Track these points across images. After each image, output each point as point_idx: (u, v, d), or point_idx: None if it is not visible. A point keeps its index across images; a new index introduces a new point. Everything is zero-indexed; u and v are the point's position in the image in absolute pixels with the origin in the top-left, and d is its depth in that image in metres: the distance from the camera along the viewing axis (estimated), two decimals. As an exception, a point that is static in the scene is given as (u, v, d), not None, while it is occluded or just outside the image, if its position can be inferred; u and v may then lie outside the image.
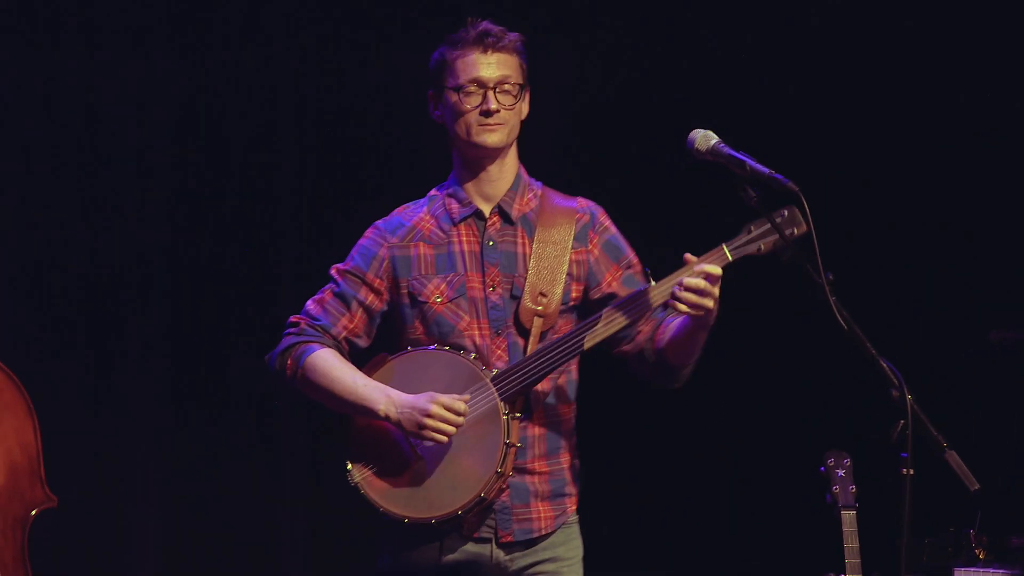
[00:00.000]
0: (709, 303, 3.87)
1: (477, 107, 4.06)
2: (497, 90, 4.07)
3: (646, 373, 4.12)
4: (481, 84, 4.07)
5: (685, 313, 3.89)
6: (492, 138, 4.08)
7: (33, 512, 4.37)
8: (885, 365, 3.64)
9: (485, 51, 4.07)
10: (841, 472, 4.27)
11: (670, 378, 4.10)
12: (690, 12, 6.25)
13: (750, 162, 3.79)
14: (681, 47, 6.25)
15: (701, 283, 3.86)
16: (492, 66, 4.07)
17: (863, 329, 3.71)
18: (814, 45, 6.21)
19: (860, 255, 6.03)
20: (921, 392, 3.65)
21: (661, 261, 4.04)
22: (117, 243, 5.94)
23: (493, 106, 4.06)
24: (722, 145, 3.85)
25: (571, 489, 4.15)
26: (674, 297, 3.87)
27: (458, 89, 4.07)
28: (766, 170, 3.76)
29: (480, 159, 4.12)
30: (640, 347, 4.10)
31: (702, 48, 6.26)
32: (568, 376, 4.14)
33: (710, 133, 3.87)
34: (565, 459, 4.14)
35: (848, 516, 4.24)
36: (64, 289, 5.91)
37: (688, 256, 3.92)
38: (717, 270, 3.88)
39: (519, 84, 4.10)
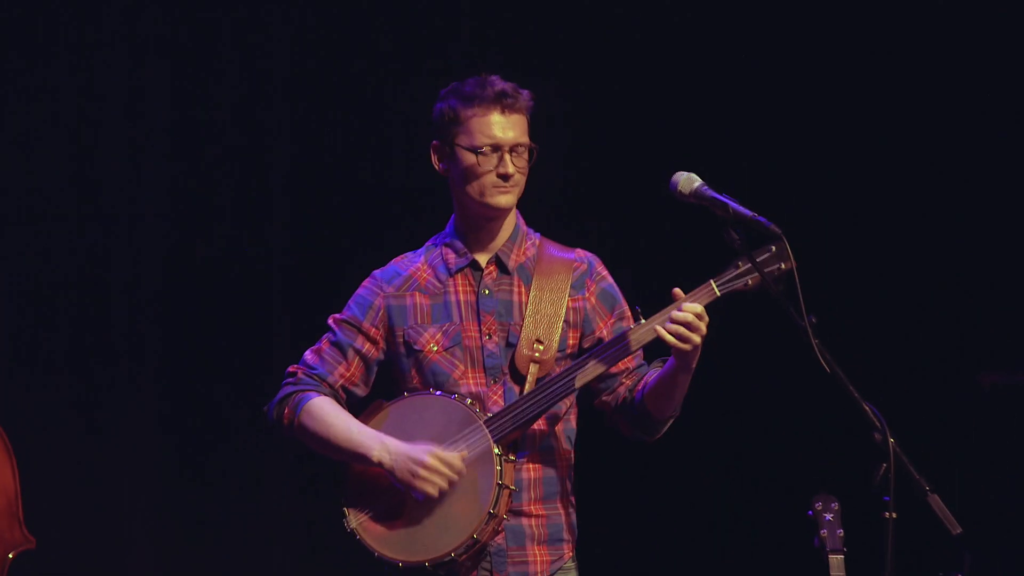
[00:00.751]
0: (696, 338, 3.88)
1: (493, 169, 4.06)
2: (513, 153, 4.07)
3: (624, 426, 4.14)
4: (498, 146, 4.06)
5: (673, 344, 3.89)
6: (505, 200, 4.09)
7: (11, 554, 4.35)
8: (868, 408, 3.64)
9: (503, 112, 4.06)
10: (829, 516, 4.24)
11: (648, 429, 4.11)
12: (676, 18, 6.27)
13: (733, 204, 3.80)
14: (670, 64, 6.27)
15: (688, 316, 3.87)
16: (510, 128, 4.06)
17: (852, 369, 3.70)
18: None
19: (847, 292, 6.03)
20: (912, 433, 3.65)
21: (653, 297, 4.04)
22: (108, 275, 5.94)
23: (511, 170, 4.06)
24: (705, 188, 3.86)
25: (567, 535, 4.14)
26: (663, 328, 3.89)
27: (475, 150, 4.06)
28: (749, 212, 3.78)
29: (488, 217, 4.13)
30: (621, 399, 4.12)
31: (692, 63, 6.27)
32: (566, 424, 4.15)
33: (693, 176, 3.89)
34: (561, 505, 4.14)
35: (836, 560, 4.21)
36: (52, 323, 5.90)
37: (676, 291, 3.93)
38: (699, 308, 3.88)
39: (530, 147, 4.10)
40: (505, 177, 4.05)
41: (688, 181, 3.88)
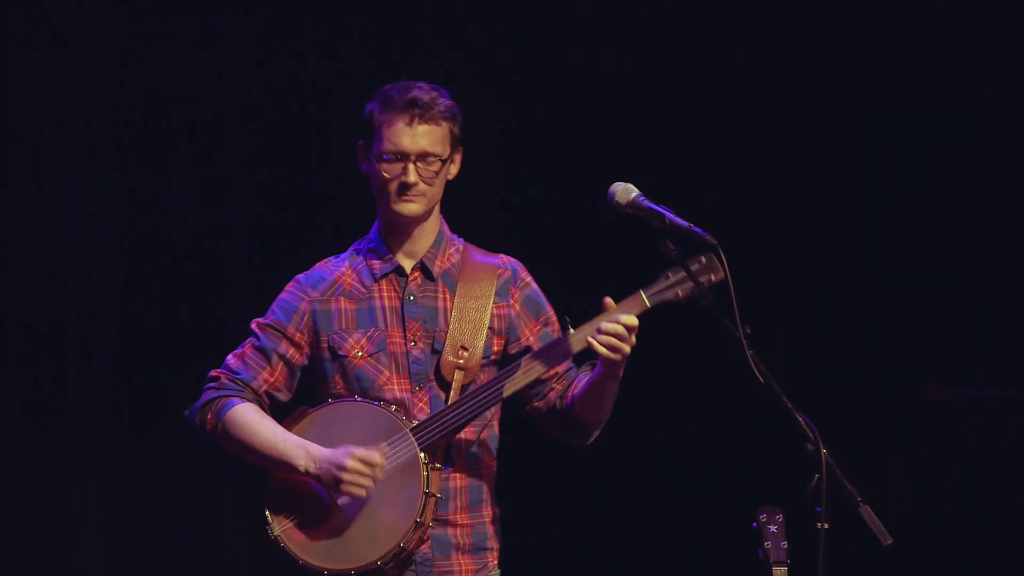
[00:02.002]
0: (626, 348, 3.91)
1: (397, 177, 4.06)
2: (419, 162, 4.06)
3: (556, 430, 4.17)
4: (402, 156, 4.06)
5: (603, 354, 3.90)
6: (409, 208, 4.09)
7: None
8: (801, 418, 3.66)
9: (411, 122, 4.05)
10: (773, 528, 4.24)
11: (580, 435, 4.14)
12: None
13: (669, 215, 3.82)
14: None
15: (619, 328, 3.89)
16: (416, 138, 4.06)
17: (801, 381, 3.72)
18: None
19: (793, 303, 6.04)
20: (857, 445, 3.65)
21: (582, 310, 4.04)
22: (61, 301, 5.93)
23: (412, 179, 4.06)
24: (642, 198, 3.89)
25: (492, 544, 4.18)
26: (593, 339, 3.91)
27: (380, 157, 4.07)
28: (685, 223, 3.80)
29: (401, 223, 4.14)
30: (551, 404, 4.14)
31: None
32: (490, 430, 4.17)
33: (630, 186, 3.91)
34: (487, 513, 4.16)
35: (780, 572, 4.21)
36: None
37: (607, 301, 3.96)
38: (634, 320, 3.91)
39: (442, 157, 4.09)
40: (405, 187, 4.05)
41: (625, 192, 3.90)
